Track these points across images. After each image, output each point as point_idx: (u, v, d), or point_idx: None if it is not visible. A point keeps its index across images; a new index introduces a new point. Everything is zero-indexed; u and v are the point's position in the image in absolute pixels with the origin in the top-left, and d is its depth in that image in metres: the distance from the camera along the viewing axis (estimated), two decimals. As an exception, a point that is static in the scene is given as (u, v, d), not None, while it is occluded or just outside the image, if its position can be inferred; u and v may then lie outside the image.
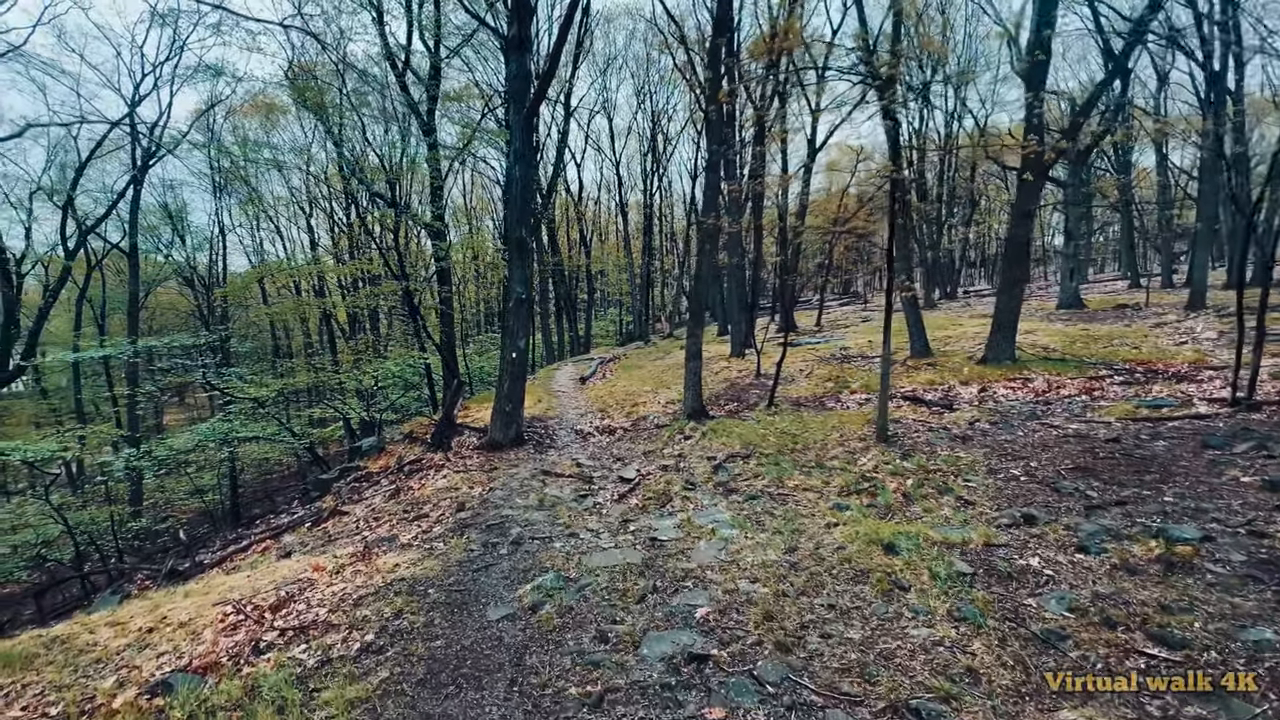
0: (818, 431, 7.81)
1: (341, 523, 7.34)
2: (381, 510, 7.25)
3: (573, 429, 11.18)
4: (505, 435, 9.70)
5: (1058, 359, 11.63)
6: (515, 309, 9.75)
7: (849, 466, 5.94)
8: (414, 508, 7.00)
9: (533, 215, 10.76)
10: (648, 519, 5.05)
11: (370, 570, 4.85)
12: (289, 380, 15.96)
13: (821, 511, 4.62)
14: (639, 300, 33.38)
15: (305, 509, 9.88)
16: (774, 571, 3.49)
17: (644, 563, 3.90)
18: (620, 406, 12.66)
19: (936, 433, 6.98)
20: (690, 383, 9.65)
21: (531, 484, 7.32)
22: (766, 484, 5.67)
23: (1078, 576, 3.13)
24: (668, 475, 6.64)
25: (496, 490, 7.10)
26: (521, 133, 9.73)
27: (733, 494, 5.53)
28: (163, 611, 4.51)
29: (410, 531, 6.03)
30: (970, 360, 12.34)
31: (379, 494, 8.28)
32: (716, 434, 8.40)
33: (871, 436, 7.11)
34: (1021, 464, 5.36)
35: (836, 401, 10.41)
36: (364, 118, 16.45)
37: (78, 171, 20.33)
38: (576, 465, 8.12)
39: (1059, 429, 6.55)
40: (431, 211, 15.39)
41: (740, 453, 7.07)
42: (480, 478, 7.89)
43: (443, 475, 8.37)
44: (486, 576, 4.11)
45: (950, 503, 4.45)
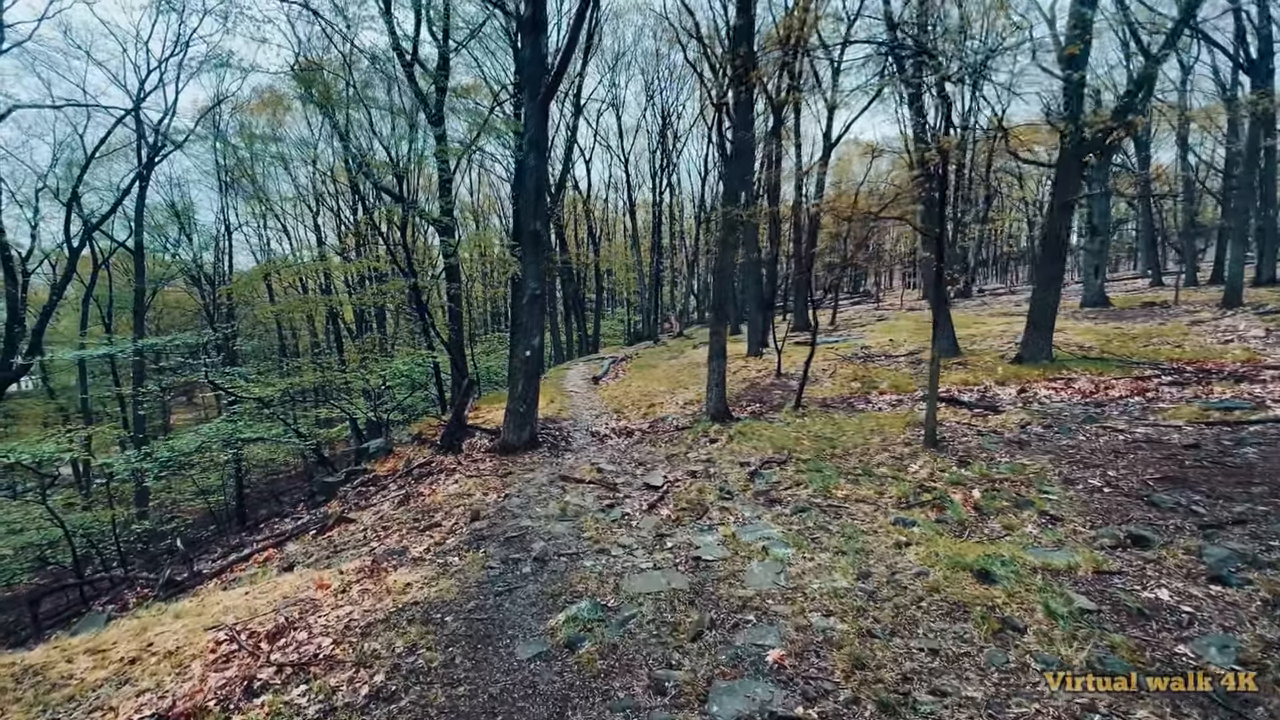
0: (855, 435, 7.29)
1: (348, 531, 6.88)
2: (390, 518, 6.78)
3: (588, 431, 10.70)
4: (519, 437, 9.22)
5: (1097, 358, 11.06)
6: (529, 305, 9.27)
7: (900, 474, 5.42)
8: (425, 516, 6.53)
9: (547, 209, 10.29)
10: (685, 533, 4.56)
11: (380, 589, 4.38)
12: (295, 380, 15.54)
13: (884, 528, 4.11)
14: (648, 299, 32.88)
15: (310, 514, 9.45)
16: (849, 603, 2.99)
17: (692, 588, 3.40)
18: (636, 407, 12.17)
19: (987, 437, 6.44)
20: (713, 382, 9.14)
21: (550, 491, 6.84)
22: (812, 494, 5.16)
23: (1226, 615, 2.61)
24: (698, 483, 6.13)
25: (513, 497, 6.62)
26: (536, 119, 9.25)
27: (776, 505, 5.02)
28: (149, 636, 4.05)
29: (422, 543, 5.56)
30: (1002, 359, 11.79)
31: (387, 500, 7.81)
32: (745, 437, 7.89)
33: (916, 440, 6.59)
34: (1097, 473, 4.83)
35: (866, 403, 9.88)
36: (371, 111, 16.06)
37: (82, 168, 20.03)
38: (597, 470, 7.62)
39: (1124, 433, 6.01)
40: (440, 206, 14.93)
41: (775, 458, 6.56)
42: (494, 483, 7.41)
43: (454, 480, 7.90)
44: (511, 602, 3.62)
45: (1033, 518, 3.93)
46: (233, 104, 24.05)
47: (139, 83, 20.15)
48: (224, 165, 24.37)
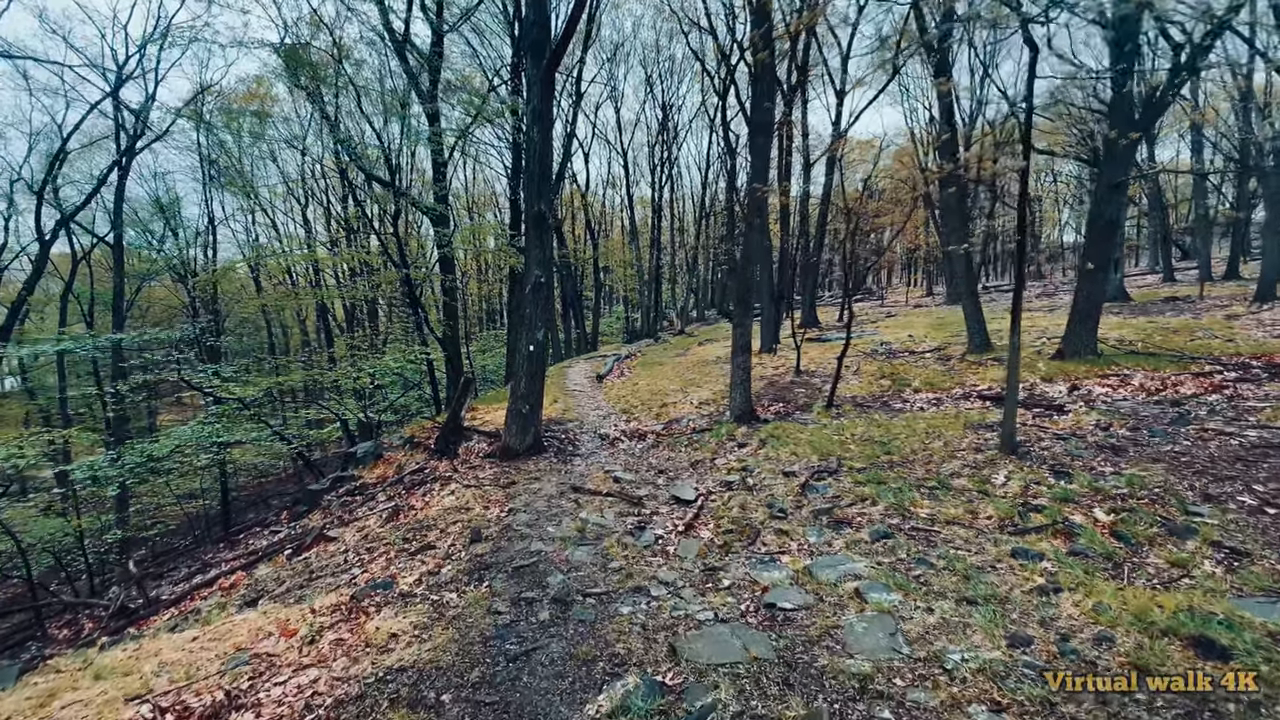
0: (908, 439, 6.40)
1: (327, 552, 5.93)
2: (377, 537, 5.84)
3: (596, 433, 9.78)
4: (522, 441, 8.29)
5: (1145, 353, 10.23)
6: (533, 294, 8.33)
7: (986, 488, 4.53)
8: (417, 534, 5.60)
9: (553, 190, 9.36)
10: (740, 566, 3.65)
11: (357, 640, 3.45)
12: (280, 379, 14.52)
13: (1003, 562, 3.22)
14: (647, 296, 31.95)
15: (290, 526, 8.48)
16: (1025, 691, 2.09)
17: (779, 656, 2.50)
18: (646, 407, 11.25)
19: (1069, 442, 5.57)
20: (738, 380, 8.24)
21: (561, 504, 5.92)
22: (885, 512, 4.26)
23: None
24: (738, 496, 5.23)
25: (519, 512, 5.70)
26: (540, 89, 8.30)
27: (845, 527, 4.12)
28: (54, 709, 3.11)
29: (412, 572, 4.63)
30: (1039, 354, 10.93)
31: (374, 513, 6.86)
32: (779, 441, 6.99)
33: (986, 445, 5.71)
34: (1238, 486, 3.97)
35: (903, 402, 9.00)
36: (361, 96, 15.03)
37: (54, 155, 18.89)
38: (613, 480, 6.71)
39: (1235, 437, 5.15)
40: (434, 193, 13.97)
41: (824, 467, 5.66)
42: (496, 495, 6.49)
43: (450, 490, 6.96)
44: (529, 671, 2.70)
45: (1204, 551, 3.06)
46: (216, 93, 22.90)
47: (117, 68, 19.01)
48: (207, 157, 23.22)
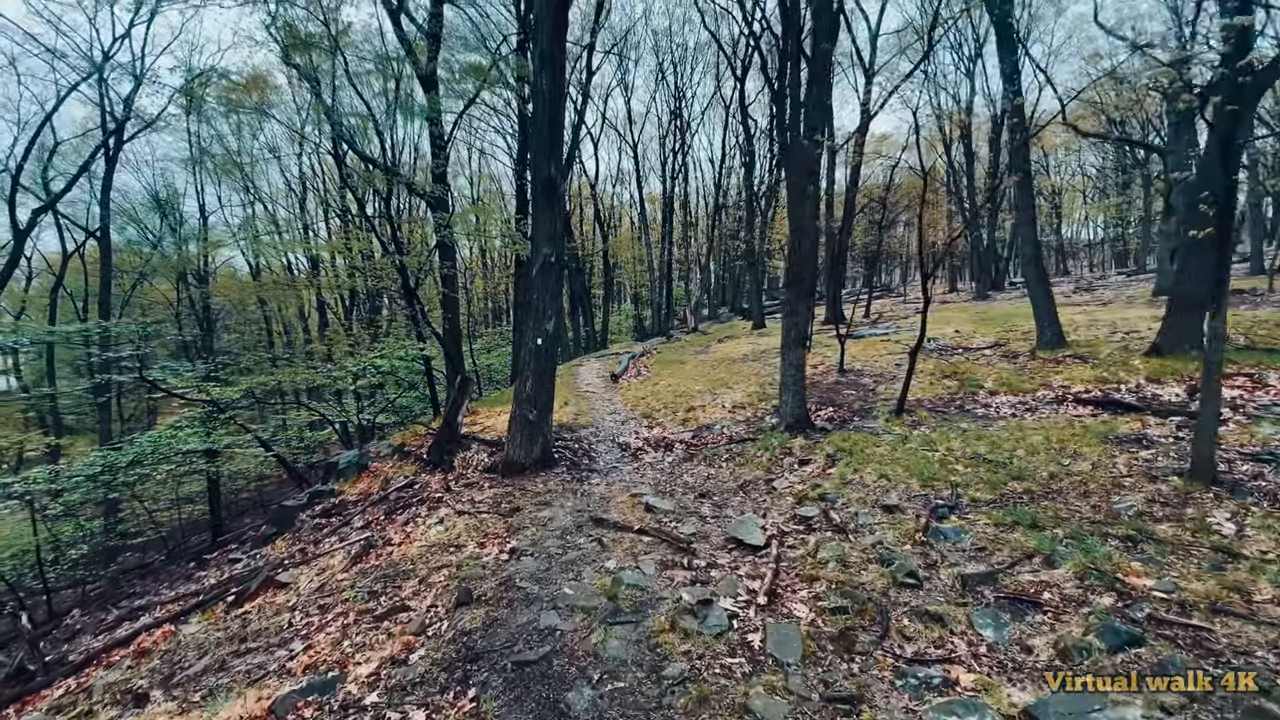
0: (1030, 457, 4.91)
1: (273, 605, 4.51)
2: (336, 588, 4.41)
3: (615, 442, 8.33)
4: (528, 454, 6.85)
5: (1263, 349, 8.66)
6: (542, 276, 6.89)
7: (1220, 540, 3.05)
8: (388, 587, 4.17)
9: (565, 154, 7.93)
10: (886, 687, 2.19)
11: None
12: (261, 379, 13.16)
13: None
14: (659, 294, 30.40)
15: (249, 555, 7.08)
16: None
17: None
18: (670, 411, 9.79)
19: (1273, 465, 4.07)
20: (790, 380, 6.76)
21: (579, 543, 4.48)
22: (1078, 582, 2.78)
23: None
24: (828, 542, 3.76)
25: (524, 554, 4.27)
26: (551, 28, 6.86)
27: (1029, 610, 2.65)
28: None
29: (371, 657, 3.20)
30: (1127, 350, 9.35)
31: (342, 548, 5.43)
32: (854, 457, 5.51)
33: (1156, 468, 4.22)
34: None
35: (984, 407, 7.48)
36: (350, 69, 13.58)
37: (30, 140, 17.65)
38: (644, 507, 5.25)
39: None
40: (432, 171, 12.57)
41: (939, 500, 4.18)
42: (495, 525, 5.05)
43: (439, 518, 5.54)
44: None
45: None
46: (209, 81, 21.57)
47: (103, 50, 17.69)
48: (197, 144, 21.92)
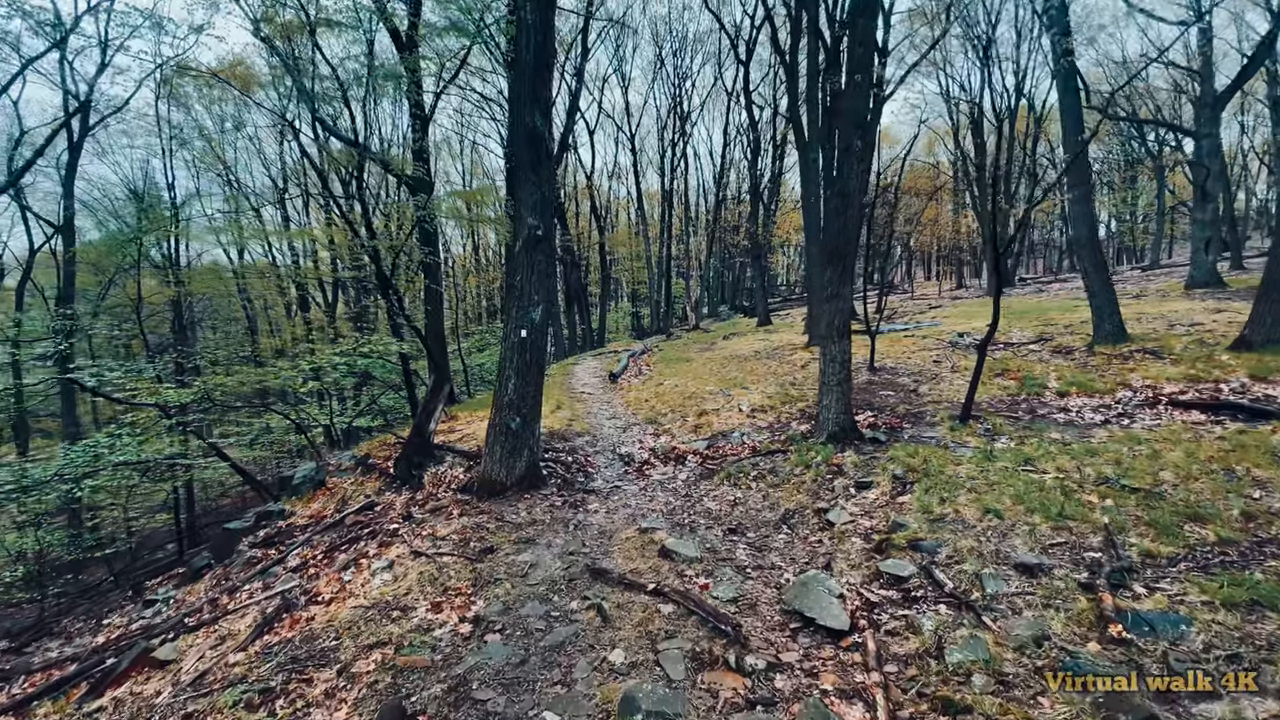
0: (1188, 483, 3.63)
1: (135, 701, 3.18)
2: (221, 678, 3.08)
3: (615, 452, 7.04)
4: (509, 471, 5.54)
5: (1369, 343, 7.39)
6: (527, 252, 5.57)
7: None
8: (291, 680, 2.86)
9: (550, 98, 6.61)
10: None
11: None
12: (220, 378, 11.77)
13: None
14: (658, 290, 29.05)
15: (163, 597, 5.73)
16: None
17: None
18: (679, 415, 8.48)
19: None
20: (833, 381, 5.45)
21: (571, 609, 3.18)
22: None
23: None
24: (944, 623, 2.47)
25: (492, 629, 2.97)
26: (537, -52, 5.55)
27: None
28: None
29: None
30: (1202, 345, 8.08)
31: (256, 605, 4.10)
32: (934, 482, 4.20)
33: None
34: None
35: (1060, 411, 6.18)
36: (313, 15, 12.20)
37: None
38: (657, 550, 3.94)
39: None
40: (411, 148, 11.21)
41: (1094, 551, 2.88)
42: (459, 575, 3.75)
43: (388, 561, 4.21)
44: None
45: None
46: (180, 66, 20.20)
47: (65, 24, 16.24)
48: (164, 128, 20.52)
